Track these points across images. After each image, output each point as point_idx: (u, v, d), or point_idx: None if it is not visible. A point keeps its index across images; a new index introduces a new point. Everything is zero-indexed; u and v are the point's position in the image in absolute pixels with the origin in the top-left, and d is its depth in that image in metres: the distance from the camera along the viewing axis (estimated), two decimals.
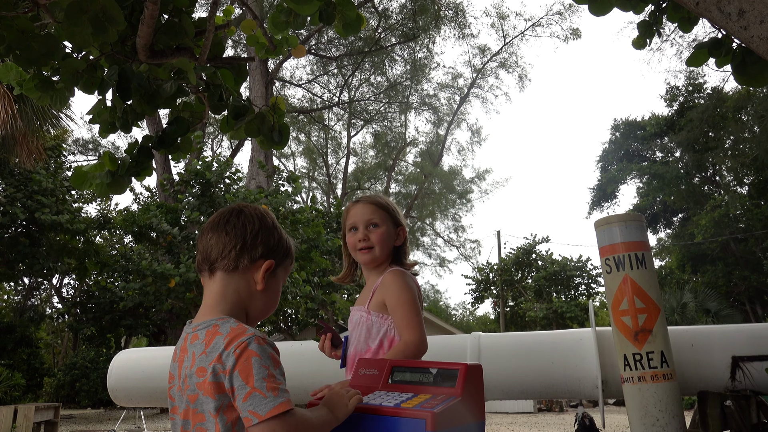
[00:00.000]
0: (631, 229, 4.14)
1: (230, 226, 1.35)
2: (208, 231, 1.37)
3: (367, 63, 28.41)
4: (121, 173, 2.90)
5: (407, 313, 1.85)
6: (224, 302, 1.31)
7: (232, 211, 1.38)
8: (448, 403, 1.29)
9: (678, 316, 19.42)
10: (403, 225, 2.04)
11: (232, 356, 1.16)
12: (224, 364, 1.16)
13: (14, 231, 16.17)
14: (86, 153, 29.47)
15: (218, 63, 2.97)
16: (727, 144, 24.20)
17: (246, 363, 1.14)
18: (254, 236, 1.34)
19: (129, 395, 5.01)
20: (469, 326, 37.26)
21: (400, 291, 1.88)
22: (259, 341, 1.17)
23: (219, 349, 1.18)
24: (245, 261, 1.32)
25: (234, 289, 1.32)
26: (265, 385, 1.13)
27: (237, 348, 1.16)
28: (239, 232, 1.34)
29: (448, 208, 35.04)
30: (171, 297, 13.88)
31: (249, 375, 1.13)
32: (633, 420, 3.95)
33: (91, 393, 18.98)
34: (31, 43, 2.22)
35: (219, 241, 1.34)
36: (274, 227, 1.39)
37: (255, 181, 18.13)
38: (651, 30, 3.33)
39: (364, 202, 2.04)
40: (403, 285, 1.90)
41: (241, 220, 1.35)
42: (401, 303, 1.87)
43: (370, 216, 1.99)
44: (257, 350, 1.16)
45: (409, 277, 1.96)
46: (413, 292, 1.91)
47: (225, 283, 1.33)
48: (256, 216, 1.37)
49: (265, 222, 1.37)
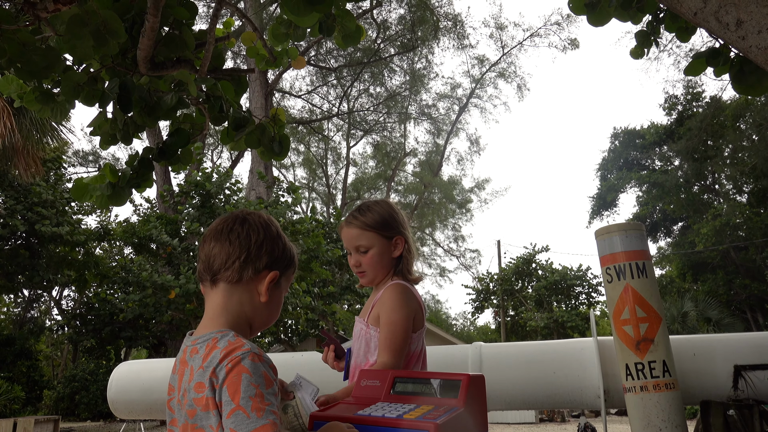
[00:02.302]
0: (631, 238, 4.14)
1: (234, 235, 1.30)
2: (211, 239, 1.32)
3: (366, 74, 28.52)
4: (122, 185, 2.91)
5: (391, 334, 1.80)
6: (226, 314, 1.28)
7: (236, 219, 1.33)
8: (450, 414, 1.29)
9: (679, 325, 19.37)
10: (400, 234, 1.94)
11: (224, 370, 1.13)
12: (217, 377, 1.14)
13: (14, 243, 16.16)
14: (86, 165, 29.52)
15: (218, 75, 2.98)
16: (726, 152, 24.24)
17: (235, 379, 1.11)
18: (259, 246, 1.30)
19: (129, 408, 4.98)
20: (470, 336, 37.16)
21: (392, 310, 1.83)
22: (253, 358, 1.14)
23: (214, 363, 1.16)
24: (249, 272, 1.29)
25: (237, 300, 1.29)
26: (250, 405, 1.09)
27: (230, 362, 1.13)
28: (243, 242, 1.29)
29: (447, 217, 35.05)
30: (171, 308, 13.85)
31: (236, 391, 1.10)
32: (635, 430, 3.93)
33: (91, 405, 18.89)
34: (32, 56, 2.23)
35: (222, 250, 1.29)
36: (278, 236, 1.35)
37: (255, 192, 18.14)
38: (649, 40, 3.35)
39: (348, 226, 1.96)
40: (398, 304, 1.84)
41: (246, 229, 1.31)
42: (389, 323, 1.82)
43: (356, 242, 1.93)
44: (249, 367, 1.13)
45: (409, 294, 1.90)
46: (406, 312, 1.85)
47: (228, 294, 1.30)
48: (261, 225, 1.33)
49: (269, 231, 1.33)
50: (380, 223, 1.92)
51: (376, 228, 1.92)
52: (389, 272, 1.94)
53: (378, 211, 1.94)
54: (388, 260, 1.93)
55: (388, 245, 1.92)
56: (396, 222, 1.95)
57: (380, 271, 1.93)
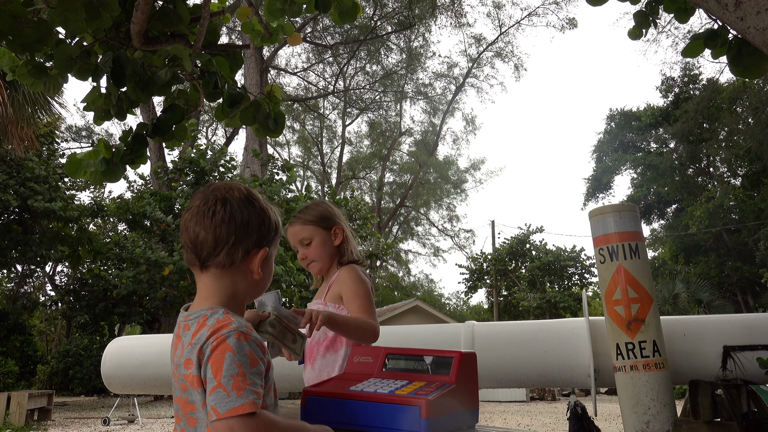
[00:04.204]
0: (625, 220, 4.16)
1: (218, 218, 1.25)
2: (195, 223, 1.27)
3: (363, 51, 28.29)
4: (116, 161, 2.89)
5: (363, 302, 2.01)
6: (220, 293, 1.27)
7: (217, 200, 1.27)
8: (442, 391, 1.30)
9: (670, 307, 19.55)
10: (337, 224, 2.16)
11: (209, 348, 1.13)
12: (203, 354, 1.14)
13: (6, 218, 16.09)
14: (79, 140, 29.33)
15: (213, 50, 2.95)
16: (722, 135, 24.26)
17: (219, 357, 1.11)
18: (246, 227, 1.27)
19: (123, 383, 5.01)
20: (463, 315, 37.40)
21: (355, 284, 2.04)
22: (239, 337, 1.13)
23: (202, 341, 1.16)
24: (239, 255, 1.26)
25: (230, 281, 1.28)
26: (231, 383, 1.09)
27: (215, 340, 1.13)
28: (230, 225, 1.25)
29: (442, 197, 35.07)
30: (165, 285, 13.87)
31: (219, 369, 1.10)
32: (624, 408, 3.98)
33: (85, 380, 18.99)
34: (24, 28, 2.20)
35: (208, 236, 1.25)
36: (262, 210, 1.31)
37: (249, 170, 18.08)
38: (647, 20, 3.32)
39: (291, 225, 2.17)
40: (358, 278, 2.06)
41: (228, 210, 1.26)
42: (358, 295, 2.02)
43: (300, 236, 2.14)
44: (234, 346, 1.11)
45: (362, 272, 2.13)
46: (367, 285, 2.07)
47: (219, 277, 1.27)
48: (244, 203, 1.29)
49: (253, 208, 1.29)
50: (318, 217, 2.15)
51: (315, 222, 2.14)
52: (334, 260, 2.16)
53: (315, 208, 2.19)
54: (330, 248, 2.14)
55: (328, 235, 2.14)
56: (332, 215, 2.18)
57: (326, 259, 2.15)
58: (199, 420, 1.18)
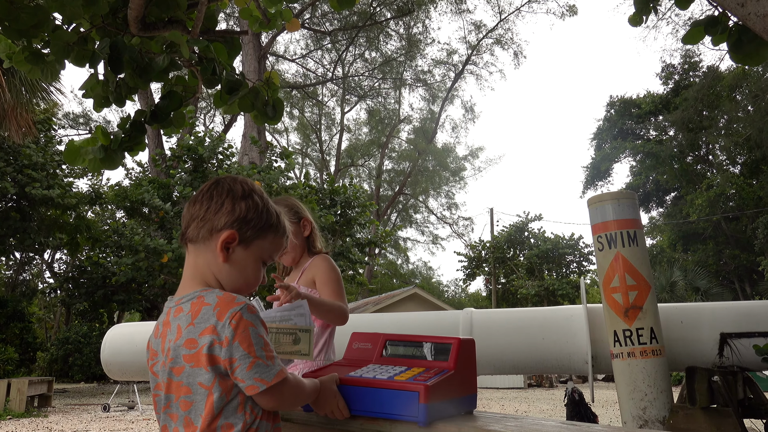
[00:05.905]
0: (623, 207, 4.16)
1: (200, 195, 1.33)
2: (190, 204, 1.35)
3: (362, 38, 28.13)
4: (114, 148, 2.88)
5: (335, 288, 2.28)
6: (199, 274, 1.29)
7: (212, 182, 1.34)
8: (441, 377, 1.31)
9: (668, 295, 19.61)
10: (305, 217, 2.40)
11: (229, 327, 1.15)
12: (220, 335, 1.15)
13: (4, 205, 16.06)
14: (77, 127, 29.23)
15: (211, 36, 2.93)
16: (721, 123, 24.22)
17: (245, 333, 1.16)
18: (219, 205, 1.29)
19: (123, 369, 5.03)
20: (461, 303, 37.52)
21: (329, 270, 2.31)
22: (251, 309, 1.19)
23: (210, 320, 1.17)
24: (204, 232, 1.28)
25: (203, 261, 1.29)
26: (265, 354, 1.17)
27: (232, 319, 1.16)
28: (206, 202, 1.30)
29: (441, 185, 35.04)
30: (163, 272, 13.88)
31: (250, 345, 1.16)
32: (622, 395, 4.01)
33: (85, 367, 19.08)
34: (21, 14, 2.18)
35: (188, 211, 1.32)
36: (247, 197, 1.32)
37: (248, 157, 18.04)
38: (648, 7, 3.30)
39: None
40: (332, 266, 2.34)
41: (211, 190, 1.31)
42: (331, 280, 2.29)
43: None
44: (251, 320, 1.18)
45: (334, 262, 2.39)
46: (339, 273, 2.34)
47: (194, 254, 1.30)
48: (227, 185, 1.32)
49: (234, 190, 1.31)
50: (289, 211, 2.33)
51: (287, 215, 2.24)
52: (304, 250, 2.40)
53: (284, 202, 2.39)
54: (301, 239, 2.38)
55: (298, 227, 2.37)
56: (300, 209, 2.42)
57: (298, 250, 2.38)
58: (195, 402, 1.18)
